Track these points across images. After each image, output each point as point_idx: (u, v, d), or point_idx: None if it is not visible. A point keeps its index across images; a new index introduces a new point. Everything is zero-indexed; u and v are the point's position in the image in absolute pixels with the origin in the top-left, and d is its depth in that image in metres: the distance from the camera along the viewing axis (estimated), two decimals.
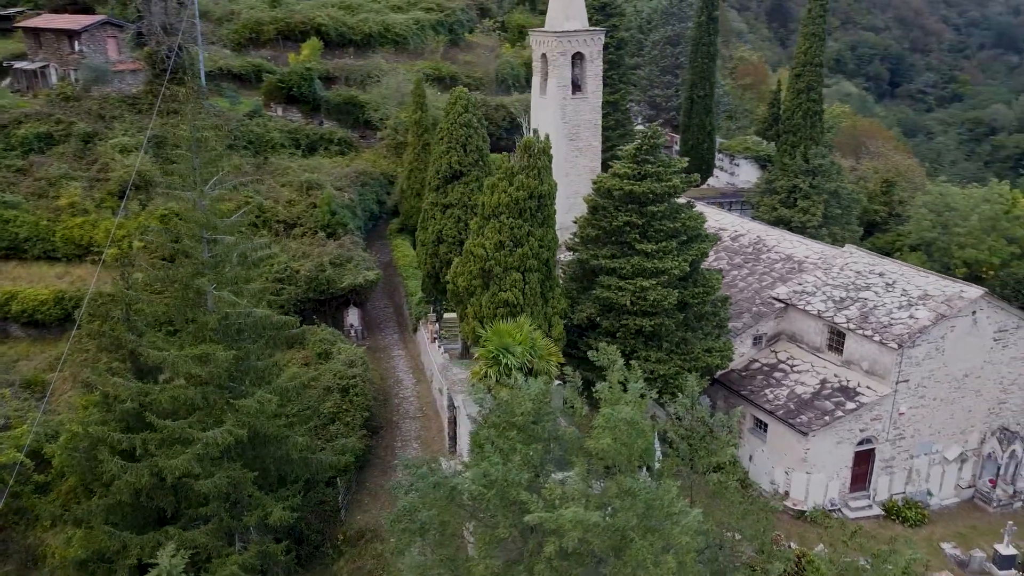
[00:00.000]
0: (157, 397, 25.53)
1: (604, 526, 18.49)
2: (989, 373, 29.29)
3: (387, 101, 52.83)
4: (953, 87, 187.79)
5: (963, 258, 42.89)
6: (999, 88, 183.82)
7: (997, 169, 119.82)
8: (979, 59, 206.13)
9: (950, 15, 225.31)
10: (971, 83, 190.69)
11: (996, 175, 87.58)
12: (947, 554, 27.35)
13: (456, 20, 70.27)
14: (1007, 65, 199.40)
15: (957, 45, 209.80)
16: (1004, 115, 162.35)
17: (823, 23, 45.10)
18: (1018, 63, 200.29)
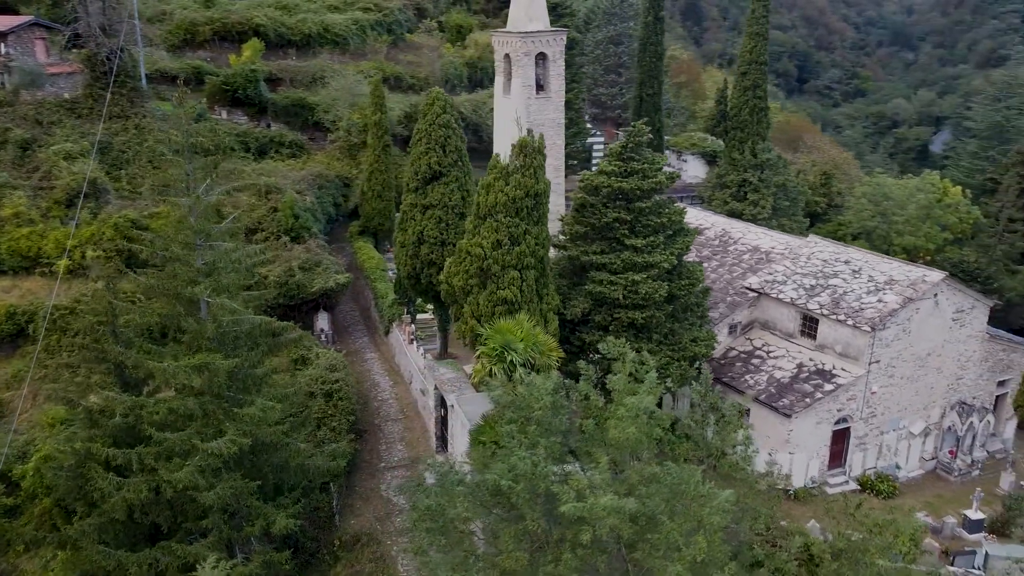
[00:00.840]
0: (153, 409, 24.94)
1: (637, 512, 19.03)
2: (948, 351, 31.35)
3: (337, 103, 52.31)
4: (856, 83, 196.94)
5: (902, 244, 45.49)
6: (898, 84, 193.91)
7: (900, 160, 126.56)
8: (878, 56, 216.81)
9: (850, 14, 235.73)
10: (872, 79, 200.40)
11: (900, 166, 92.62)
12: (921, 522, 29.14)
13: (394, 20, 69.98)
14: (904, 62, 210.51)
15: (858, 43, 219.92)
16: (904, 109, 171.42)
17: (766, 23, 47.05)
18: (913, 60, 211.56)
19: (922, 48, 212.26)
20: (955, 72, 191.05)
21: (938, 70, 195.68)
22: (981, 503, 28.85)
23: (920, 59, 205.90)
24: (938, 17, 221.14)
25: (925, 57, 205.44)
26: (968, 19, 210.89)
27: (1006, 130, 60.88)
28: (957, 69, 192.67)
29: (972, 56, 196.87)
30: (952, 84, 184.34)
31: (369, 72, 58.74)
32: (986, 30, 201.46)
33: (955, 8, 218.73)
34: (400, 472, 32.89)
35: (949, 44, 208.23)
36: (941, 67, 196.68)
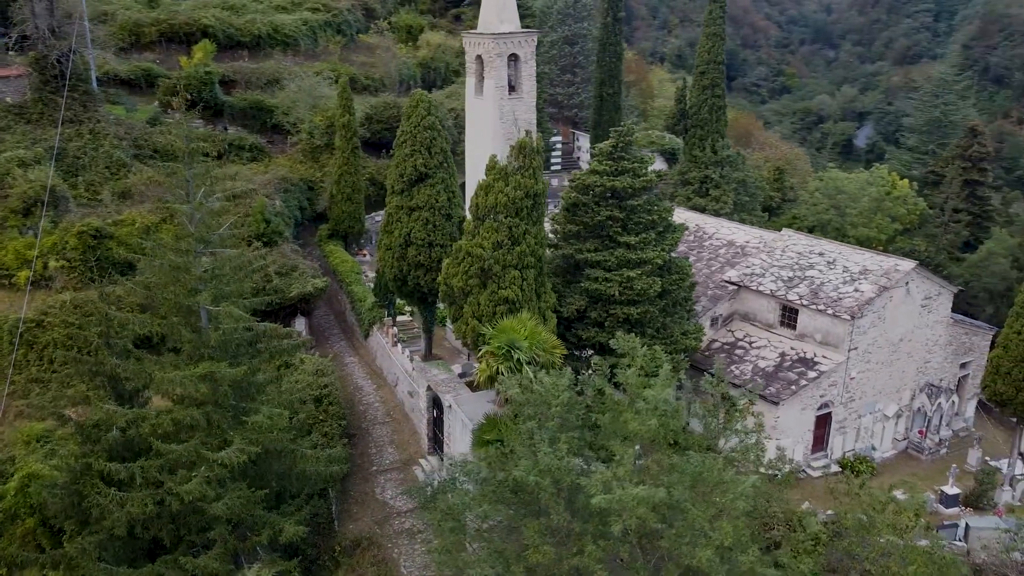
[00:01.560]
0: (157, 422, 24.48)
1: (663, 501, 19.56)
2: (918, 336, 33.02)
3: (298, 105, 51.66)
4: (782, 80, 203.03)
5: (856, 236, 47.50)
6: (821, 80, 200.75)
7: (828, 155, 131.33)
8: (802, 54, 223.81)
9: (773, 13, 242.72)
10: (797, 76, 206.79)
11: (829, 160, 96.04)
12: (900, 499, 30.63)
13: (343, 20, 69.39)
14: (825, 59, 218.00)
15: (782, 41, 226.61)
16: (829, 105, 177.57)
17: (723, 24, 48.47)
18: (835, 57, 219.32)
19: (842, 46, 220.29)
20: (874, 69, 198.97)
21: (858, 67, 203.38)
22: (956, 479, 30.51)
23: (841, 56, 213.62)
24: (856, 16, 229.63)
25: (845, 54, 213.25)
26: (884, 18, 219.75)
27: (943, 125, 64.15)
28: (876, 66, 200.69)
29: (889, 53, 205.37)
30: (872, 80, 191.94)
31: (325, 73, 58.23)
32: (901, 28, 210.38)
33: (871, 7, 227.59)
34: (393, 475, 32.89)
35: (867, 42, 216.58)
36: (861, 64, 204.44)
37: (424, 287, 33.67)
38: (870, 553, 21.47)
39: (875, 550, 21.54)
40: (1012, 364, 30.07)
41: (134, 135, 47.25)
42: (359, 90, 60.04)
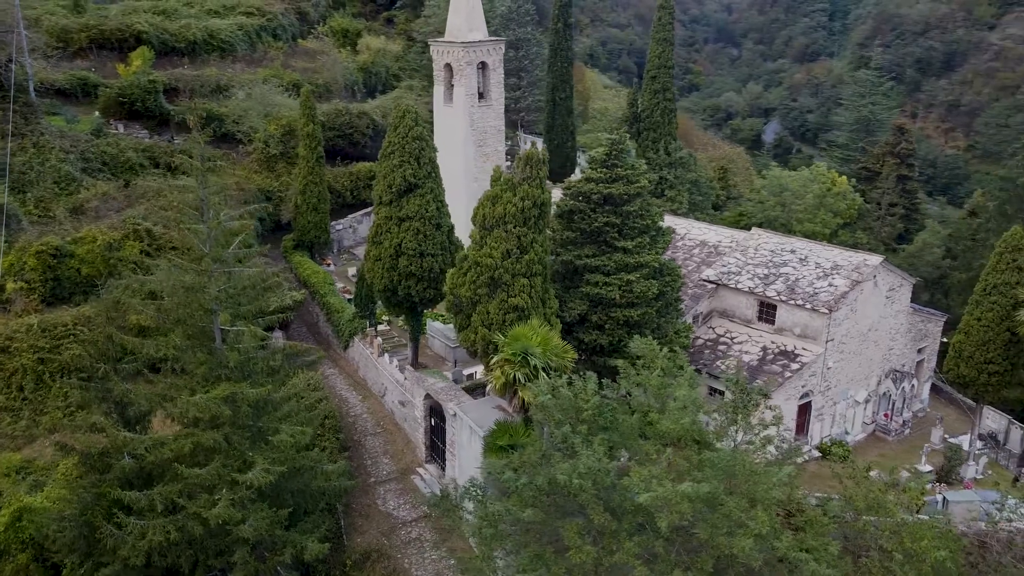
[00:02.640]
0: (176, 446, 24.06)
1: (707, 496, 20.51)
2: (883, 325, 35.30)
3: (249, 113, 50.62)
4: (690, 78, 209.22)
5: (801, 231, 50.03)
6: (727, 78, 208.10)
7: (766, 155, 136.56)
8: (707, 52, 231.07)
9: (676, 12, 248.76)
10: (704, 74, 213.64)
11: (771, 159, 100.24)
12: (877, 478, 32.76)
13: (279, 25, 68.20)
14: (729, 57, 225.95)
15: (687, 40, 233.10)
16: (736, 102, 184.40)
17: (671, 29, 50.17)
18: (738, 55, 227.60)
19: (744, 44, 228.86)
20: (776, 66, 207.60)
21: (761, 65, 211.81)
22: (914, 456, 32.86)
23: (744, 55, 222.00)
24: (756, 15, 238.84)
25: (748, 53, 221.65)
26: (783, 17, 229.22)
27: (872, 123, 68.06)
28: (777, 64, 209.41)
29: (789, 51, 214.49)
30: (775, 77, 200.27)
31: (271, 80, 57.18)
32: (799, 27, 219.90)
33: (770, 7, 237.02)
34: (392, 485, 32.98)
35: (768, 40, 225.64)
36: (763, 62, 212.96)
37: (415, 297, 33.82)
38: (884, 531, 23.02)
39: (888, 528, 23.11)
40: (973, 348, 32.55)
41: (80, 148, 45.40)
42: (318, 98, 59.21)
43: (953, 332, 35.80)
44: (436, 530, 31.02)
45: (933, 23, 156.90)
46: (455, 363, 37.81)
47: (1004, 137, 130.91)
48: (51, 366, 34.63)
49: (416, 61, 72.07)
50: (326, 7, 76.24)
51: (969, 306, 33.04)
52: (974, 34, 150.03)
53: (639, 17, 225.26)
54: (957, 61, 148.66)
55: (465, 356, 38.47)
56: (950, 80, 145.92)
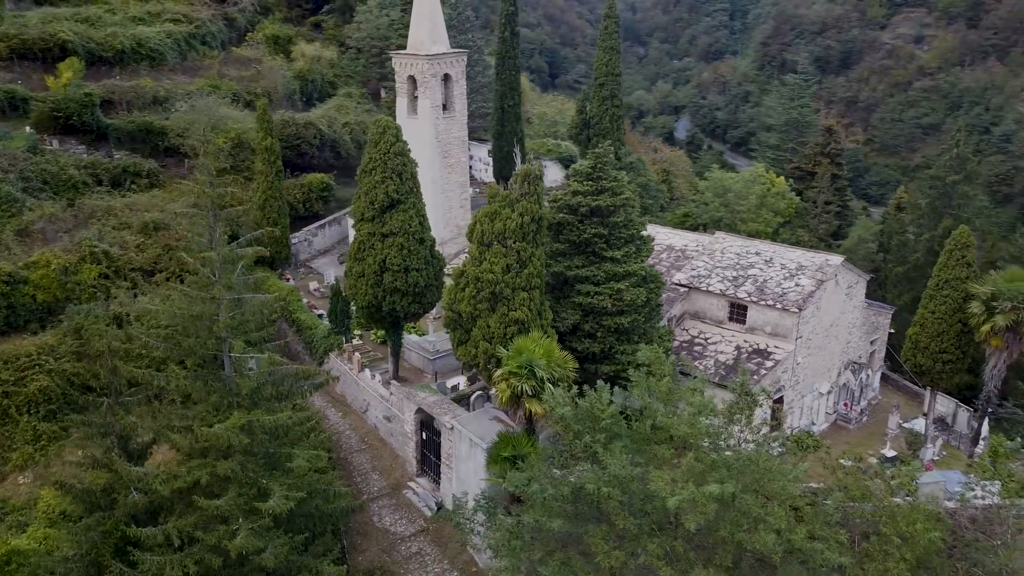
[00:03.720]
0: (190, 478, 23.60)
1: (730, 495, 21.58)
2: (843, 320, 37.46)
3: (195, 126, 49.15)
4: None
5: (746, 230, 52.30)
6: (636, 76, 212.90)
7: (707, 155, 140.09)
8: None
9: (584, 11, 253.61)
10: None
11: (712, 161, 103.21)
12: (846, 465, 34.81)
13: (208, 32, 66.31)
14: (637, 56, 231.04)
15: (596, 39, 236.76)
16: (647, 100, 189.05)
17: (617, 37, 51.50)
18: (645, 54, 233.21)
19: (651, 43, 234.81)
20: (682, 65, 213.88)
21: (668, 63, 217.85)
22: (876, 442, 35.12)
23: (651, 53, 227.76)
24: (660, 15, 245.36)
25: (655, 51, 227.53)
26: (686, 16, 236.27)
27: (801, 124, 71.36)
28: (683, 62, 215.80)
29: (694, 50, 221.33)
30: (683, 75, 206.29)
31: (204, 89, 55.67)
32: (702, 26, 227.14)
33: (674, 6, 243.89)
34: (385, 501, 32.99)
35: (673, 39, 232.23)
36: (670, 60, 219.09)
37: (400, 312, 33.87)
38: (881, 516, 24.67)
39: (884, 513, 24.76)
40: (929, 339, 34.98)
41: (19, 166, 43.26)
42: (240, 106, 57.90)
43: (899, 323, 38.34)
44: (435, 543, 31.25)
45: (830, 23, 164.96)
46: (434, 375, 38.02)
47: (899, 131, 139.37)
48: (16, 399, 33.10)
49: (351, 68, 71.41)
50: (253, 12, 74.46)
51: (923, 300, 35.46)
52: (868, 33, 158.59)
53: (548, 17, 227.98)
54: (853, 59, 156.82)
55: (444, 368, 38.78)
56: (848, 77, 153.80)
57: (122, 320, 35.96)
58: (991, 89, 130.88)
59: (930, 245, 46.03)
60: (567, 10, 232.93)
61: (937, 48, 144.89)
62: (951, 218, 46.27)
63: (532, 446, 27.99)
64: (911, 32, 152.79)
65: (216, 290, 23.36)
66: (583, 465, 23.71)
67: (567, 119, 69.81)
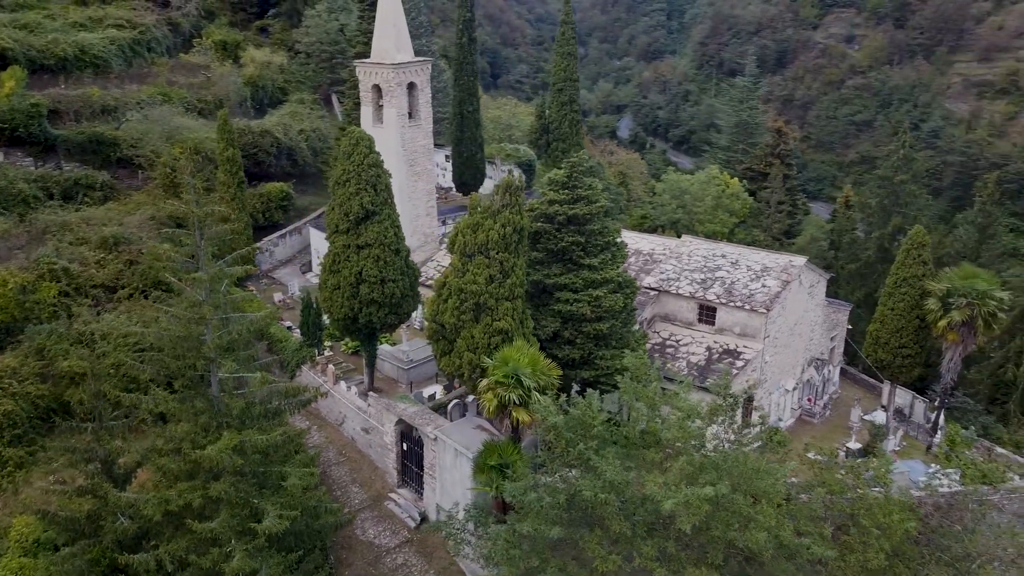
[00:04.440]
0: (184, 500, 23.28)
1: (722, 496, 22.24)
2: (805, 319, 38.71)
3: (149, 136, 48.05)
4: (542, 76, 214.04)
5: (703, 231, 53.52)
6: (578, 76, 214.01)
7: (662, 158, 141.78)
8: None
9: (523, 11, 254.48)
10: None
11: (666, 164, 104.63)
12: (815, 458, 36.01)
13: (152, 38, 64.76)
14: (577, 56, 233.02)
15: (536, 39, 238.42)
16: (589, 99, 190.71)
17: (575, 44, 52.14)
18: (585, 54, 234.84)
19: (590, 43, 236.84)
20: (623, 64, 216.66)
21: (608, 63, 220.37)
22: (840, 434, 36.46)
23: (591, 53, 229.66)
24: (599, 15, 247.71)
25: (595, 51, 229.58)
26: (624, 16, 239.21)
27: (750, 126, 73.19)
28: (623, 62, 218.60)
29: (633, 50, 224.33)
30: (623, 75, 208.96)
31: (154, 97, 54.42)
32: (640, 26, 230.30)
33: (612, 6, 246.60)
34: (368, 514, 32.89)
35: (612, 39, 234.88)
36: (610, 60, 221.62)
37: (377, 323, 33.78)
38: (860, 509, 25.69)
39: (862, 506, 25.78)
40: (889, 335, 36.44)
41: None
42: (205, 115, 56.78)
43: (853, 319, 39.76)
44: (421, 554, 31.31)
45: (765, 23, 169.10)
46: (409, 385, 38.00)
47: (834, 128, 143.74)
48: None
49: (301, 73, 70.55)
50: (197, 17, 72.94)
51: (883, 297, 36.90)
52: (801, 33, 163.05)
53: (489, 17, 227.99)
54: (789, 58, 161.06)
55: (418, 377, 38.78)
56: (784, 76, 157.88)
57: (86, 339, 35.02)
58: (919, 87, 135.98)
59: (880, 243, 47.87)
60: (506, 10, 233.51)
61: (867, 47, 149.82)
62: (899, 216, 48.22)
63: (518, 454, 28.23)
64: (842, 32, 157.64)
65: (205, 310, 23.04)
66: (575, 471, 24.09)
67: (521, 122, 70.29)
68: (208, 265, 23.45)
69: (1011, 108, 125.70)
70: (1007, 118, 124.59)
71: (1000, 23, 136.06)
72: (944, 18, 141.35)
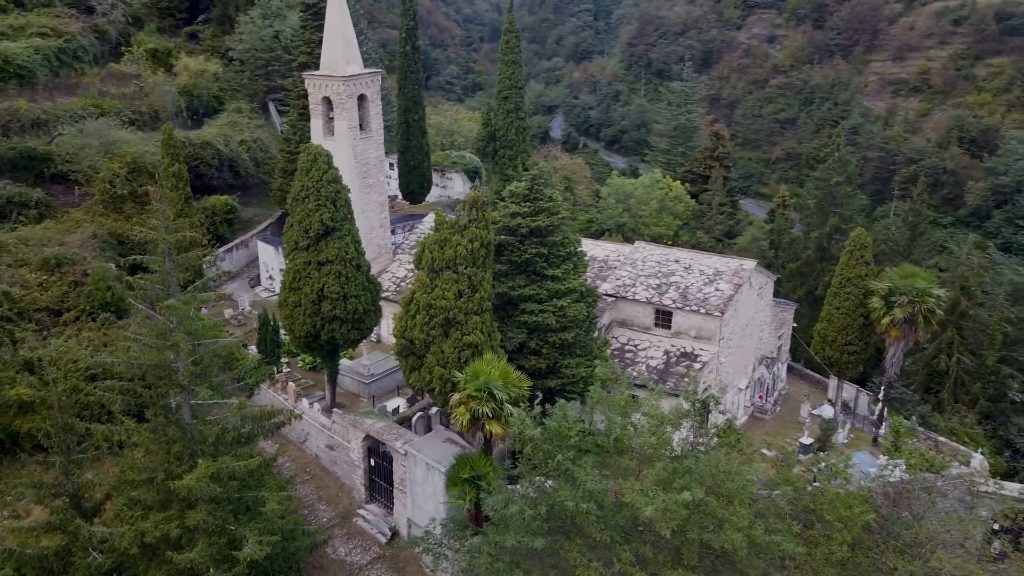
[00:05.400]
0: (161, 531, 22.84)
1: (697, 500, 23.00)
2: (756, 319, 40.01)
3: (86, 151, 46.47)
4: (472, 77, 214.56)
5: (649, 234, 54.65)
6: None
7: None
8: (485, 51, 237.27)
9: (450, 12, 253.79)
10: (485, 73, 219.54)
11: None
12: (768, 455, 37.28)
13: (79, 47, 62.57)
14: None
15: (465, 40, 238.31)
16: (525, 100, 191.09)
17: (518, 51, 52.55)
18: None
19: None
20: (552, 65, 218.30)
21: (538, 63, 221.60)
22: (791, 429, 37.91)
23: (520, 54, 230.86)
24: (527, 15, 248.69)
25: (524, 52, 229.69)
26: (552, 17, 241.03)
27: (688, 129, 74.81)
28: (553, 62, 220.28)
29: (561, 50, 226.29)
30: (553, 75, 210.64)
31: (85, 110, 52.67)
32: (568, 27, 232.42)
33: (539, 7, 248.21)
34: (337, 531, 32.67)
35: (541, 39, 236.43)
36: (540, 60, 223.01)
37: (339, 340, 33.56)
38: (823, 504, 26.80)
39: (825, 500, 26.90)
40: (836, 333, 38.02)
41: None
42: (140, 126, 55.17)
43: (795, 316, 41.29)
44: (393, 570, 31.31)
45: (690, 24, 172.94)
46: (371, 399, 37.85)
47: (759, 126, 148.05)
48: None
49: (236, 81, 69.14)
50: (125, 24, 70.68)
51: (828, 296, 38.44)
52: (726, 34, 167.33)
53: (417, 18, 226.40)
54: (714, 58, 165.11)
55: (379, 391, 38.66)
56: (710, 76, 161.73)
57: (33, 366, 33.80)
58: (838, 85, 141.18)
59: (819, 242, 49.81)
60: (434, 11, 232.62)
61: (788, 47, 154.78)
62: (836, 216, 50.26)
63: (491, 465, 28.48)
64: (764, 32, 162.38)
65: (178, 337, 22.61)
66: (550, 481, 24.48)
67: (463, 128, 70.39)
68: (178, 291, 23.01)
69: (924, 105, 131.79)
70: (920, 115, 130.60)
71: (911, 23, 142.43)
72: (859, 19, 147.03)
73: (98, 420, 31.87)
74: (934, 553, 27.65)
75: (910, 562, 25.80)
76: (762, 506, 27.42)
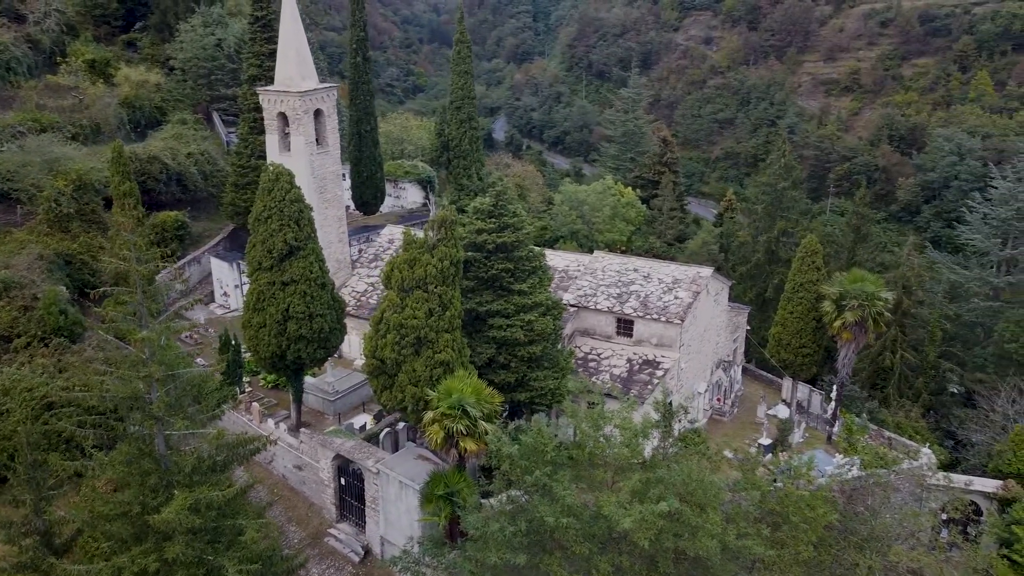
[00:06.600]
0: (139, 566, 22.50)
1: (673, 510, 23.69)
2: (713, 324, 41.04)
3: (28, 168, 45.02)
4: (413, 79, 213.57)
5: (603, 240, 55.45)
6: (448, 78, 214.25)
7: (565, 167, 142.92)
8: (424, 53, 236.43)
9: (388, 13, 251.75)
10: (426, 75, 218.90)
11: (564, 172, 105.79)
12: (730, 457, 38.29)
13: (12, 57, 60.55)
14: (446, 57, 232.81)
15: (405, 41, 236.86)
16: None
17: (470, 61, 52.76)
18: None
19: None
20: (492, 66, 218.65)
21: (478, 64, 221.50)
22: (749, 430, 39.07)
23: None
24: (466, 16, 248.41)
25: None
26: (491, 18, 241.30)
27: (636, 135, 75.86)
28: (493, 64, 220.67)
29: (502, 51, 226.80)
30: (494, 76, 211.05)
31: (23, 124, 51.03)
32: (508, 28, 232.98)
33: (478, 8, 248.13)
34: (308, 552, 32.45)
35: (480, 41, 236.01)
36: (480, 62, 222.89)
37: (305, 359, 33.36)
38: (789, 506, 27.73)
39: (791, 502, 27.85)
40: (790, 337, 39.25)
41: None
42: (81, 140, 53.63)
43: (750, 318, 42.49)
44: None
45: (629, 25, 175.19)
46: (337, 416, 37.67)
47: (699, 126, 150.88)
48: None
49: (179, 91, 67.63)
50: (59, 33, 68.49)
51: (782, 301, 39.67)
52: (663, 35, 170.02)
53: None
54: (653, 60, 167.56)
55: (344, 408, 38.48)
56: (649, 77, 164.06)
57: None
58: (774, 86, 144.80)
59: (768, 245, 51.28)
60: (372, 13, 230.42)
61: (725, 49, 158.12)
62: (783, 220, 51.84)
63: (465, 481, 28.71)
64: (701, 34, 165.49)
65: (152, 368, 22.27)
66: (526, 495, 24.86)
67: (412, 136, 70.22)
68: (151, 321, 22.66)
69: (855, 104, 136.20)
70: (852, 113, 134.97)
71: (840, 25, 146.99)
72: (792, 20, 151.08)
73: (55, 449, 31.16)
74: (891, 547, 28.87)
75: (869, 557, 26.89)
76: (731, 510, 28.27)
